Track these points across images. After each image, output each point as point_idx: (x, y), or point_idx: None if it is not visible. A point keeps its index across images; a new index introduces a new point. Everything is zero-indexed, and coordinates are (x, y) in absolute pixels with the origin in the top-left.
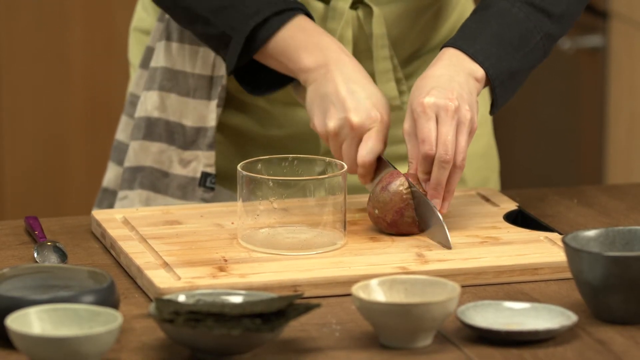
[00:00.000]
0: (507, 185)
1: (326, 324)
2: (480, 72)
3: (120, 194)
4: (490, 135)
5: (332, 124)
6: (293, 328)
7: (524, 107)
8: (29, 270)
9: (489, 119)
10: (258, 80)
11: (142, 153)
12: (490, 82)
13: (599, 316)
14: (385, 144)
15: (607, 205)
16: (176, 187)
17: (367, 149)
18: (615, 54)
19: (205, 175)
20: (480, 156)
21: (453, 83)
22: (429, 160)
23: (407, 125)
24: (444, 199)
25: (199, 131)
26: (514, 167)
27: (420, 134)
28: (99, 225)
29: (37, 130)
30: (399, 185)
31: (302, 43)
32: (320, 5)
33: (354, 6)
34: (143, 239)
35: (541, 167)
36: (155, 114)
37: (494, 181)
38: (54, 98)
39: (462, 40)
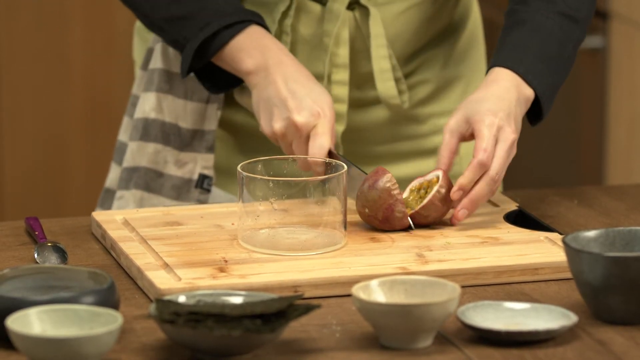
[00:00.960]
0: (508, 185)
1: (326, 325)
2: (531, 96)
3: (117, 194)
4: None
5: (277, 125)
6: (293, 329)
7: None
8: (29, 271)
9: None
10: (217, 77)
11: (138, 154)
12: (537, 98)
13: (599, 316)
14: (333, 137)
15: (607, 205)
16: (170, 188)
17: (317, 147)
18: (615, 55)
19: (202, 177)
20: None
21: (513, 114)
22: (482, 169)
23: (453, 122)
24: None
25: (196, 133)
26: (515, 167)
27: (484, 143)
28: (99, 226)
29: (37, 131)
30: (386, 182)
31: (244, 46)
32: (316, 7)
33: (350, 7)
34: (143, 240)
35: (541, 168)
36: (152, 115)
37: None
38: (54, 98)
39: (512, 60)
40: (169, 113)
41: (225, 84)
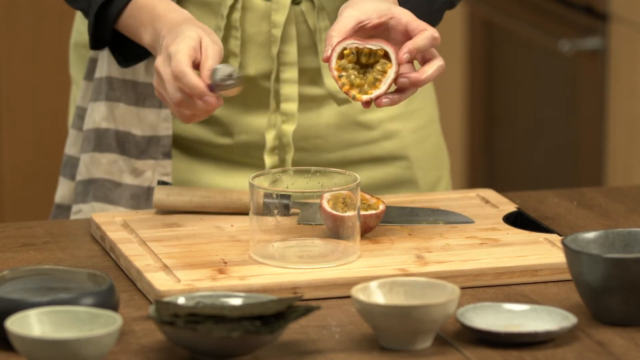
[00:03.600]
0: (507, 187)
1: (326, 326)
2: None
3: (74, 208)
4: (438, 135)
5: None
6: (293, 330)
7: (523, 109)
8: (28, 273)
9: (436, 119)
10: (128, 50)
11: (93, 165)
12: None
13: (599, 318)
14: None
15: (606, 207)
16: (129, 197)
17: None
18: (614, 56)
19: (161, 184)
20: (431, 156)
21: None
22: (434, 44)
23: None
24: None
25: (151, 140)
26: (514, 169)
27: (429, 27)
28: (98, 228)
29: (36, 131)
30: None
31: (140, 21)
32: (262, 4)
33: (295, 1)
34: (142, 242)
35: (541, 169)
36: (104, 124)
37: (446, 180)
38: (53, 99)
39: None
40: (122, 121)
41: (134, 56)
